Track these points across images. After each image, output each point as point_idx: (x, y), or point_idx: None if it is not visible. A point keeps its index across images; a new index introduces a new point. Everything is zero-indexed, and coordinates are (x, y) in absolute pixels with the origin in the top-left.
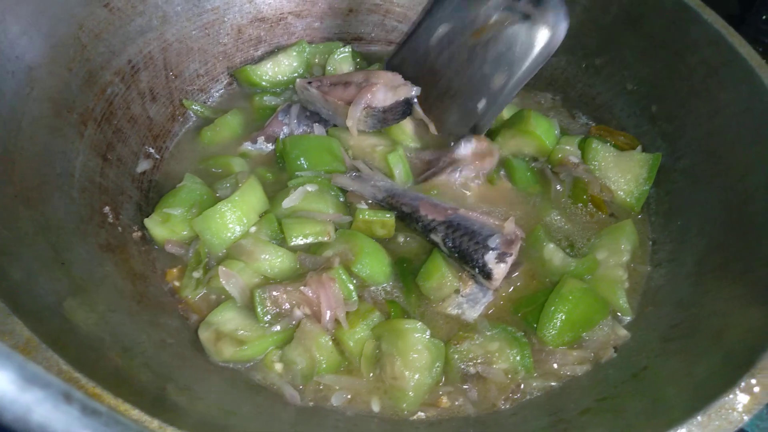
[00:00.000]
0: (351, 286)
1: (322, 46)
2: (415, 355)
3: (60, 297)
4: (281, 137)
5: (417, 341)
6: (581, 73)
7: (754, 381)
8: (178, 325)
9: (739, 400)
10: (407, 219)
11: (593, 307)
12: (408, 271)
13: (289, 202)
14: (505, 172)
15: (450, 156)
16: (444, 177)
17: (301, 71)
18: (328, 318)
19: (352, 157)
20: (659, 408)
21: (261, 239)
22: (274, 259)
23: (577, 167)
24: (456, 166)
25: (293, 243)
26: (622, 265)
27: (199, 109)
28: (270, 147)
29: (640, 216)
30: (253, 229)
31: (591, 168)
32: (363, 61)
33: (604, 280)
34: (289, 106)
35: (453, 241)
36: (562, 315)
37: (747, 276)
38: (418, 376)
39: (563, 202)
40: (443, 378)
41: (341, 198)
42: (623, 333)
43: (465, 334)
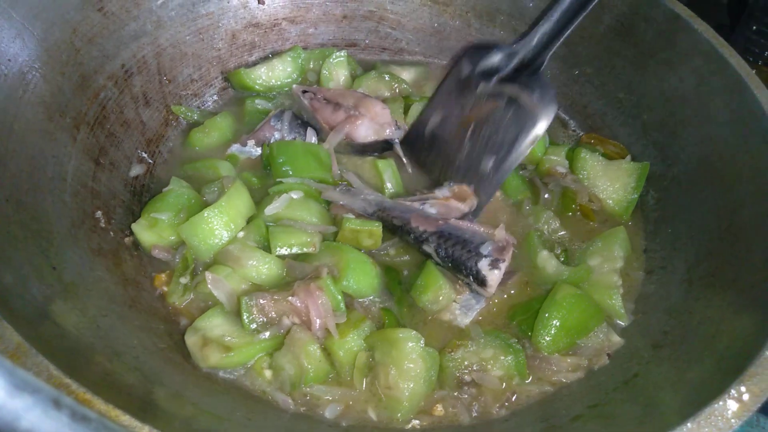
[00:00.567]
0: (339, 296)
1: (317, 51)
2: (410, 365)
3: (51, 302)
4: (271, 142)
5: (411, 350)
6: (573, 82)
7: (743, 388)
8: (169, 330)
9: (729, 406)
10: (399, 231)
11: (588, 313)
12: (397, 282)
13: (272, 209)
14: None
15: (427, 192)
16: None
17: (295, 76)
18: (318, 326)
19: (342, 167)
20: (650, 415)
21: (248, 245)
22: (261, 266)
23: (565, 177)
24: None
25: (278, 253)
26: (616, 271)
27: (189, 114)
28: (259, 151)
29: (630, 223)
30: (241, 234)
31: (580, 177)
32: (358, 66)
33: (599, 285)
34: (282, 111)
35: (446, 251)
36: (556, 321)
37: (737, 283)
38: (412, 385)
39: (553, 210)
40: (438, 386)
41: (325, 207)
42: (617, 339)
43: (459, 342)
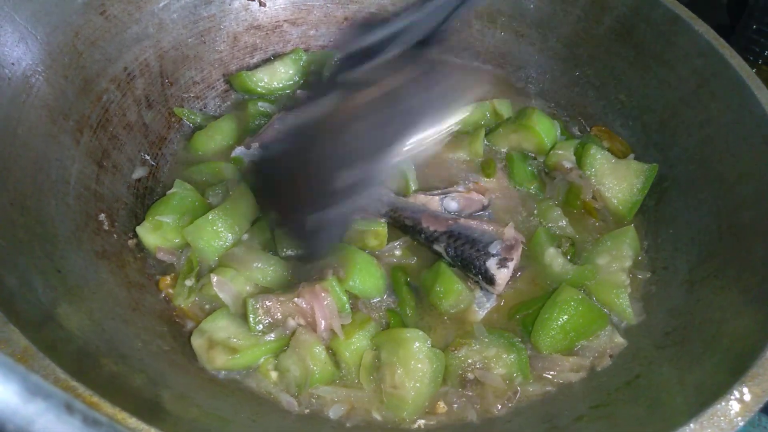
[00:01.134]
0: (344, 297)
1: (318, 53)
2: (418, 365)
3: (56, 305)
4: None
5: (418, 350)
6: (573, 83)
7: (746, 388)
8: (174, 333)
9: (731, 407)
10: (410, 231)
11: (589, 318)
12: (402, 283)
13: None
14: (505, 166)
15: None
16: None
17: (297, 79)
18: (323, 328)
19: None
20: (653, 415)
21: (253, 247)
22: (266, 268)
23: (571, 172)
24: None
25: (284, 254)
26: (624, 270)
27: (191, 117)
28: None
29: (633, 225)
30: (246, 237)
31: (587, 174)
32: None
33: (606, 284)
34: (286, 113)
35: (455, 250)
36: (556, 323)
37: (739, 284)
38: (419, 385)
39: (558, 205)
40: (445, 386)
41: None
42: (620, 341)
43: (462, 340)
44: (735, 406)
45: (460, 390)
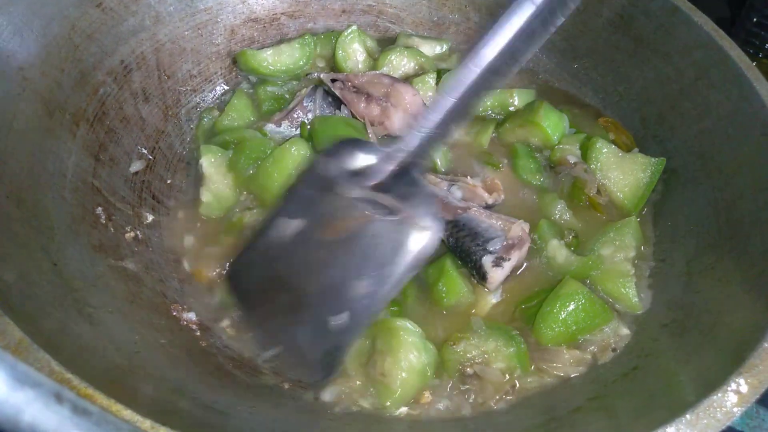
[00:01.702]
0: None
1: (323, 36)
2: (409, 354)
3: (52, 298)
4: (306, 120)
5: (410, 343)
6: (572, 76)
7: (742, 380)
8: (170, 326)
9: (728, 398)
10: None
11: (593, 312)
12: None
13: None
14: (510, 160)
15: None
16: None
17: (302, 63)
18: None
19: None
20: (650, 407)
21: None
22: None
23: (575, 167)
24: (458, 182)
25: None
26: (629, 260)
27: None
28: (293, 131)
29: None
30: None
31: (592, 168)
32: (368, 38)
33: (611, 274)
34: (315, 89)
35: (456, 240)
36: (558, 317)
37: (737, 276)
38: (405, 375)
39: (563, 199)
40: (440, 379)
41: None
42: (624, 333)
43: (461, 335)
44: (732, 397)
45: (459, 385)
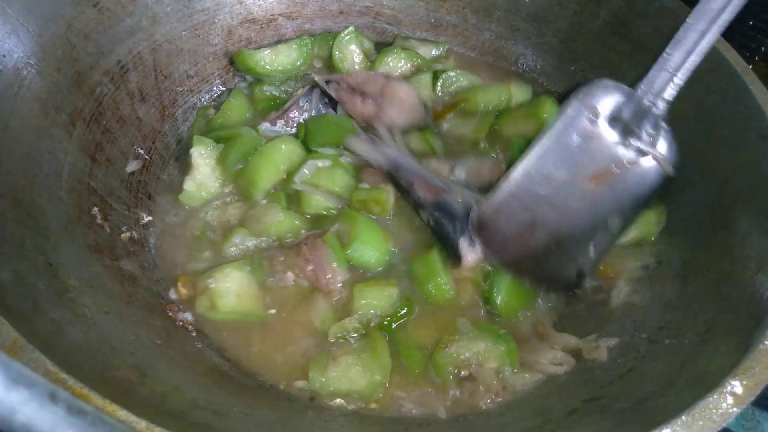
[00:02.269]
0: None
1: (319, 36)
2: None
3: (47, 298)
4: (302, 120)
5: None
6: (569, 78)
7: (737, 381)
8: (166, 327)
9: (724, 400)
10: (403, 191)
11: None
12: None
13: (300, 177)
14: (505, 153)
15: None
16: None
17: (299, 63)
18: (328, 276)
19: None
20: (645, 408)
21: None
22: (273, 222)
23: None
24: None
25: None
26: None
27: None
28: (290, 130)
29: None
30: (263, 201)
31: None
32: (365, 39)
33: None
34: (311, 89)
35: (435, 221)
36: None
37: (732, 278)
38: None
39: None
40: (435, 384)
41: (352, 174)
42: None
43: (451, 336)
44: (728, 398)
45: (456, 389)
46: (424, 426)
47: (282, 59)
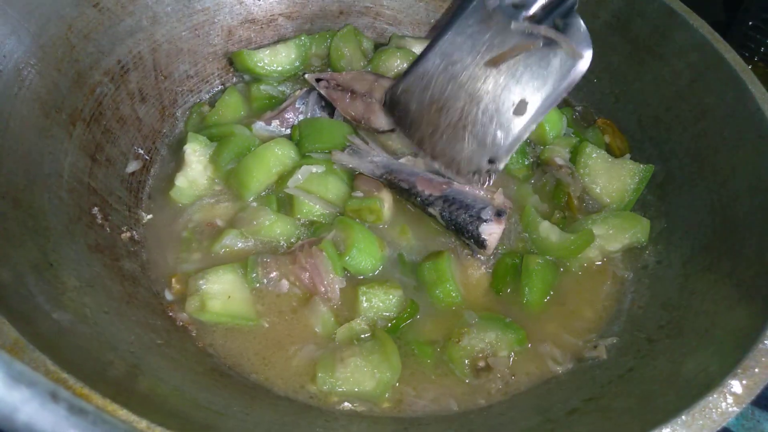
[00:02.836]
0: (338, 261)
1: (317, 35)
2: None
3: (48, 298)
4: (296, 123)
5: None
6: None
7: (737, 381)
8: (166, 326)
9: (723, 399)
10: (405, 194)
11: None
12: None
13: (294, 182)
14: None
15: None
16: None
17: (298, 64)
18: (326, 284)
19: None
20: (645, 407)
21: (261, 209)
22: (265, 224)
23: (561, 169)
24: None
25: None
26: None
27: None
28: (283, 131)
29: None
30: (254, 204)
31: (581, 172)
32: (364, 38)
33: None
34: (309, 92)
35: (450, 214)
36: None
37: (732, 277)
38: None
39: (540, 196)
40: (452, 376)
41: (345, 181)
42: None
43: (461, 330)
44: (727, 398)
45: (474, 380)
46: (424, 425)
47: (281, 59)
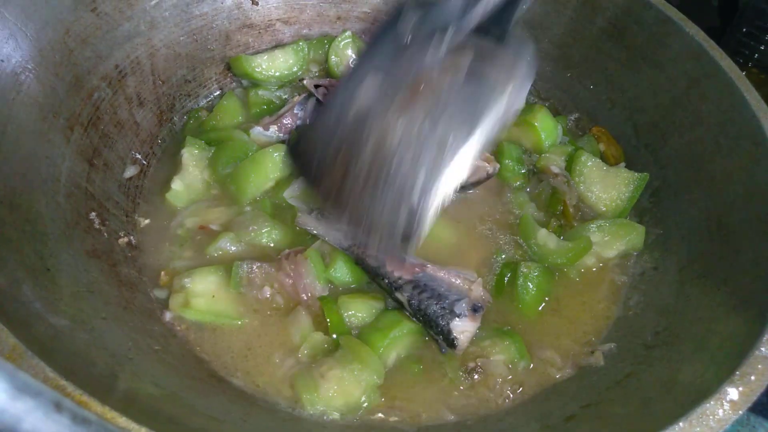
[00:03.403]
0: (324, 270)
1: (315, 41)
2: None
3: (46, 303)
4: (294, 128)
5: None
6: (565, 84)
7: (734, 388)
8: (164, 332)
9: (720, 406)
10: (372, 273)
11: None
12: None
13: (290, 192)
14: (495, 157)
15: None
16: None
17: (296, 69)
18: (305, 291)
19: None
20: (642, 414)
21: (256, 214)
22: (260, 231)
23: (557, 178)
24: None
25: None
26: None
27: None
28: (282, 136)
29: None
30: (248, 209)
31: (576, 181)
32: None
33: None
34: (307, 98)
35: (419, 303)
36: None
37: (729, 284)
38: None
39: (536, 205)
40: (445, 380)
41: None
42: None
43: None
44: (724, 405)
45: (466, 381)
46: (421, 431)
47: (279, 64)
